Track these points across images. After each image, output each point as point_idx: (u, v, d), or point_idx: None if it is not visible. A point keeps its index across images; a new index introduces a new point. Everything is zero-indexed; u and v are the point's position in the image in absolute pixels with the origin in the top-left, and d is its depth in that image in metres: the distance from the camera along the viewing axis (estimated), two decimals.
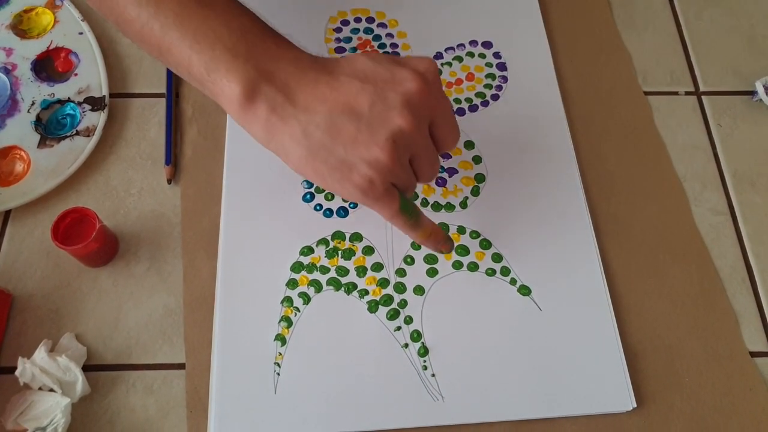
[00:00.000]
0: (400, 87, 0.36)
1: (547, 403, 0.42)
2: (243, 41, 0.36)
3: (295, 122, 0.36)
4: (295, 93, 0.36)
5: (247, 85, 0.35)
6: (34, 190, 0.48)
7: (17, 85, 0.52)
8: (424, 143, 0.38)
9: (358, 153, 0.35)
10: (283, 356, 0.43)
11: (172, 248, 0.47)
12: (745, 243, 0.50)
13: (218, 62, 0.36)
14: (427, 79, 0.37)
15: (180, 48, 0.36)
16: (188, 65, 0.37)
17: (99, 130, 0.50)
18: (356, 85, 0.36)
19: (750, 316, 0.47)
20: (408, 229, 0.40)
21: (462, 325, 0.45)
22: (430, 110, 0.37)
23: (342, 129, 0.36)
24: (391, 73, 0.37)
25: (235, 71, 0.36)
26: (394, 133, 0.36)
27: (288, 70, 0.36)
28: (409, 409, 0.42)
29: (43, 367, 0.41)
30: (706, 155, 0.53)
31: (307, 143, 0.36)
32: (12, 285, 0.46)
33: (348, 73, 0.37)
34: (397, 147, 0.36)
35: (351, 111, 0.36)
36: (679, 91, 0.56)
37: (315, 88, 0.36)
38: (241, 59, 0.36)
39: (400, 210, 0.38)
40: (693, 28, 0.59)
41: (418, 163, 0.38)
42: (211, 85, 0.37)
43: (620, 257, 0.48)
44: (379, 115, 0.36)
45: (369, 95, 0.36)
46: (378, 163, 0.36)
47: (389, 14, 0.57)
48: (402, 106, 0.36)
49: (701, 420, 0.43)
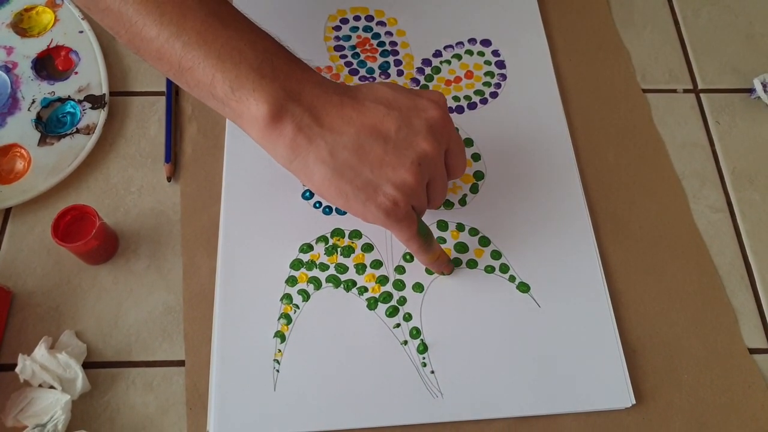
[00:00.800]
0: (424, 114, 0.38)
1: (546, 400, 0.42)
2: (268, 62, 0.37)
3: (322, 142, 0.36)
4: (322, 114, 0.37)
5: (275, 104, 0.36)
6: (34, 187, 0.48)
7: (18, 83, 0.52)
8: (441, 168, 0.40)
9: (384, 175, 0.37)
10: (282, 353, 0.43)
11: (171, 246, 0.47)
12: (743, 240, 0.50)
13: (244, 81, 0.36)
14: (444, 109, 0.39)
15: (203, 66, 0.36)
16: (211, 84, 0.36)
17: (99, 128, 0.50)
18: (382, 110, 0.38)
19: (749, 313, 0.47)
20: (421, 252, 0.42)
21: (461, 322, 0.45)
22: (448, 138, 0.39)
23: (369, 151, 0.37)
24: (412, 101, 0.39)
25: (261, 90, 0.36)
26: (420, 157, 0.37)
27: (314, 92, 0.37)
28: (409, 406, 0.42)
29: (44, 364, 0.41)
30: (705, 153, 0.53)
31: (333, 163, 0.36)
32: (12, 282, 0.46)
33: (372, 99, 0.38)
34: (422, 170, 0.38)
35: (378, 134, 0.37)
36: (677, 89, 0.56)
37: (341, 110, 0.37)
38: (268, 79, 0.36)
39: (418, 233, 0.40)
40: (691, 26, 0.59)
41: (433, 188, 0.40)
42: (235, 104, 0.36)
43: (619, 254, 0.48)
44: (405, 138, 0.37)
45: (395, 120, 0.37)
46: (404, 185, 0.37)
47: (388, 12, 0.57)
48: (427, 132, 0.38)
49: (700, 416, 0.43)
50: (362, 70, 0.54)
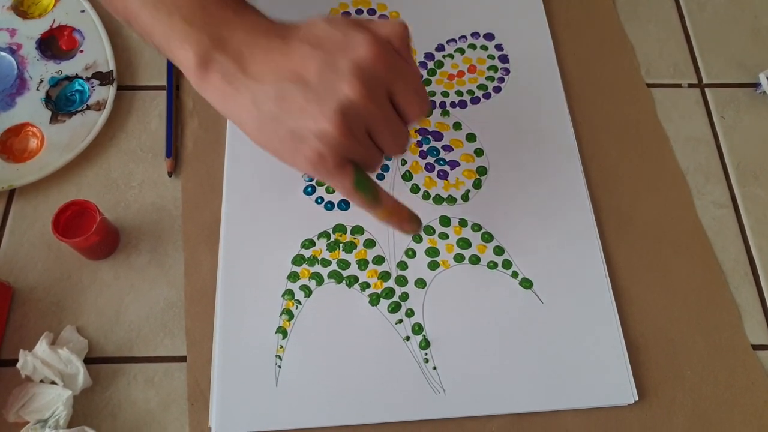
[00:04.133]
0: (351, 52, 0.33)
1: (548, 396, 0.42)
2: (201, 10, 0.36)
3: (247, 92, 0.34)
4: (248, 61, 0.35)
5: (200, 53, 0.35)
6: (49, 164, 0.48)
7: (24, 64, 0.52)
8: (381, 114, 0.34)
9: (306, 125, 0.33)
10: (284, 349, 0.43)
11: (173, 241, 0.47)
12: (747, 236, 0.50)
13: (175, 31, 0.35)
14: (384, 44, 0.34)
15: (143, 17, 0.36)
16: (150, 33, 0.37)
17: (110, 103, 0.51)
18: (306, 50, 0.34)
19: (752, 309, 0.47)
20: (367, 207, 0.38)
21: (463, 318, 0.44)
22: (386, 78, 0.34)
23: (290, 99, 0.33)
24: (346, 36, 0.34)
25: (189, 39, 0.35)
26: (342, 104, 0.33)
27: (241, 38, 0.35)
28: (411, 402, 0.42)
29: (45, 359, 0.41)
30: (710, 148, 0.53)
31: (257, 114, 0.34)
32: (13, 278, 0.46)
33: (300, 38, 0.34)
34: (347, 119, 0.33)
35: (299, 79, 0.33)
36: (682, 84, 0.56)
37: (266, 55, 0.35)
38: (196, 27, 0.35)
39: (356, 186, 0.36)
40: (696, 20, 0.59)
41: (377, 136, 0.35)
42: (170, 54, 0.36)
43: (622, 250, 0.48)
44: (326, 83, 0.33)
45: (317, 61, 0.33)
46: (326, 136, 0.33)
47: (390, 6, 0.57)
48: (351, 75, 0.33)
49: (703, 413, 0.43)
50: None
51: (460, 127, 0.52)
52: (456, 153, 0.50)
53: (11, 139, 0.50)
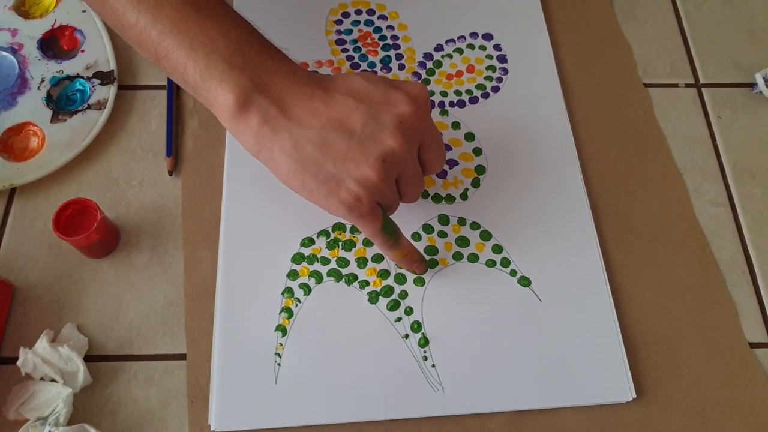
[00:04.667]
0: (393, 109, 0.37)
1: (546, 394, 0.43)
2: (239, 52, 0.37)
3: (287, 135, 0.36)
4: (289, 106, 0.37)
5: (241, 94, 0.36)
6: (50, 163, 0.49)
7: (25, 63, 0.52)
8: (412, 165, 0.39)
9: (347, 170, 0.36)
10: (283, 347, 0.43)
11: (173, 239, 0.47)
12: (744, 234, 0.50)
13: (213, 71, 0.36)
14: (419, 104, 0.38)
15: (176, 55, 0.37)
16: (183, 72, 0.37)
17: (110, 102, 0.51)
18: (351, 103, 0.37)
19: (749, 307, 0.47)
20: (387, 248, 0.41)
21: (462, 315, 0.45)
22: (421, 133, 0.38)
23: (333, 145, 0.36)
24: (386, 94, 0.38)
25: (229, 80, 0.36)
26: (384, 153, 0.37)
27: (283, 84, 0.37)
28: (410, 400, 0.42)
29: (45, 357, 0.41)
30: (706, 147, 0.53)
31: (297, 156, 0.36)
32: (14, 276, 0.46)
33: (343, 91, 0.37)
34: (387, 166, 0.37)
35: (343, 128, 0.37)
36: (679, 83, 0.56)
37: (309, 102, 0.37)
38: (237, 69, 0.36)
39: (382, 229, 0.39)
40: (693, 20, 0.59)
41: (404, 184, 0.39)
42: (205, 93, 0.37)
43: (620, 248, 0.48)
44: (371, 134, 0.37)
45: (362, 114, 0.37)
46: (366, 181, 0.36)
47: (390, 6, 0.57)
48: (394, 128, 0.37)
49: (700, 411, 0.43)
50: (363, 64, 0.54)
51: (458, 127, 0.52)
52: (455, 152, 0.51)
53: (12, 138, 0.50)
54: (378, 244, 0.41)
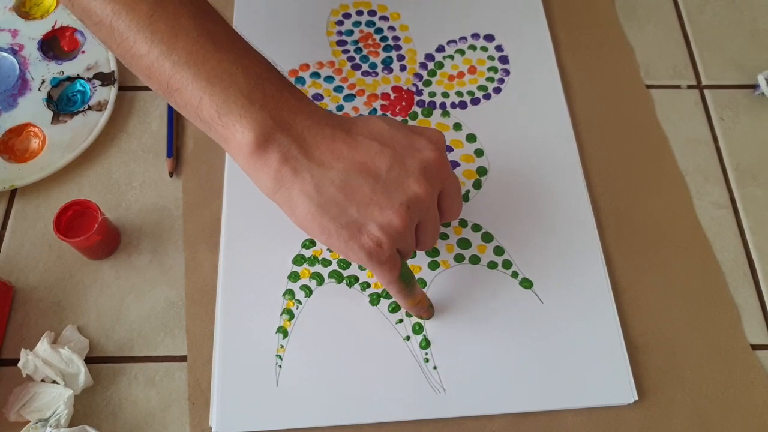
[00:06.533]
0: (419, 154, 0.36)
1: (548, 396, 0.42)
2: (259, 88, 0.35)
3: (309, 176, 0.35)
4: (311, 146, 0.35)
5: (262, 132, 0.34)
6: (51, 164, 0.49)
7: (26, 64, 0.52)
8: (433, 211, 0.38)
9: (371, 214, 0.35)
10: (284, 349, 0.43)
11: (173, 241, 0.47)
12: (746, 236, 0.50)
13: (232, 106, 0.34)
14: (441, 150, 0.38)
15: (191, 88, 0.35)
16: (198, 106, 0.35)
17: (111, 103, 0.51)
18: (375, 147, 0.36)
19: (751, 309, 0.47)
20: (401, 296, 0.40)
21: (464, 317, 0.45)
22: (442, 180, 0.38)
23: (357, 189, 0.35)
24: (409, 140, 0.37)
25: (249, 117, 0.34)
26: (409, 199, 0.36)
27: (305, 123, 0.35)
28: (411, 402, 0.42)
29: (46, 359, 0.41)
30: (709, 149, 0.53)
31: (318, 199, 0.35)
32: (14, 277, 0.46)
33: (366, 135, 0.36)
34: (411, 213, 0.36)
35: (368, 172, 0.35)
36: (681, 85, 0.56)
37: (332, 144, 0.35)
38: (257, 105, 0.34)
39: (400, 278, 0.38)
40: (695, 22, 0.59)
41: (423, 231, 0.38)
42: (221, 129, 0.35)
43: (622, 250, 0.48)
44: (396, 179, 0.36)
45: (388, 158, 0.36)
46: (390, 228, 0.35)
47: (391, 7, 0.57)
48: (420, 173, 0.36)
49: (702, 413, 0.43)
50: (365, 65, 0.54)
51: (460, 128, 0.52)
52: (456, 153, 0.51)
53: (13, 140, 0.50)
54: (393, 293, 0.40)
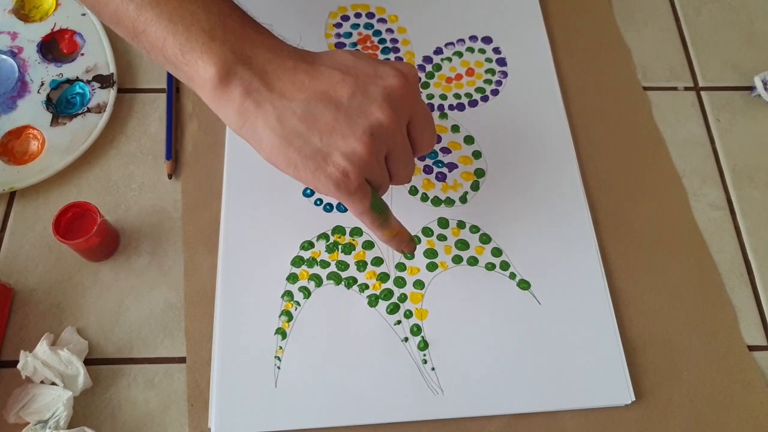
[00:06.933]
0: (381, 81, 0.36)
1: (546, 397, 0.43)
2: (221, 25, 0.35)
3: (271, 108, 0.35)
4: (272, 79, 0.35)
5: (223, 67, 0.35)
6: (50, 166, 0.49)
7: (25, 67, 0.52)
8: (401, 141, 0.37)
9: (334, 143, 0.35)
10: (283, 350, 0.43)
11: (172, 243, 0.47)
12: (743, 238, 0.50)
13: (194, 43, 0.35)
14: (408, 79, 0.37)
15: (155, 29, 0.35)
16: (162, 46, 0.36)
17: (110, 106, 0.51)
18: (337, 75, 0.36)
19: (748, 310, 0.47)
20: (375, 227, 0.39)
21: (462, 319, 0.45)
22: (410, 109, 0.37)
23: (319, 118, 0.35)
24: (374, 68, 0.37)
25: (210, 53, 0.35)
26: (372, 126, 0.35)
27: (266, 56, 0.36)
28: (409, 403, 0.42)
29: (45, 360, 0.42)
30: (705, 150, 0.53)
31: (281, 130, 0.35)
32: (14, 279, 0.46)
33: (329, 64, 0.36)
34: (375, 140, 0.35)
35: (330, 100, 0.35)
36: (678, 87, 0.56)
37: (293, 75, 0.36)
38: (218, 41, 0.35)
39: (371, 207, 0.37)
40: (692, 24, 0.59)
41: (393, 162, 0.38)
42: (185, 67, 0.36)
43: (619, 252, 0.48)
44: (359, 106, 0.35)
45: (350, 86, 0.36)
46: (354, 155, 0.35)
47: (389, 10, 0.57)
48: (383, 100, 0.36)
49: (699, 414, 0.43)
50: None
51: (458, 130, 0.52)
52: (454, 155, 0.51)
53: (12, 142, 0.50)
54: (367, 224, 0.39)
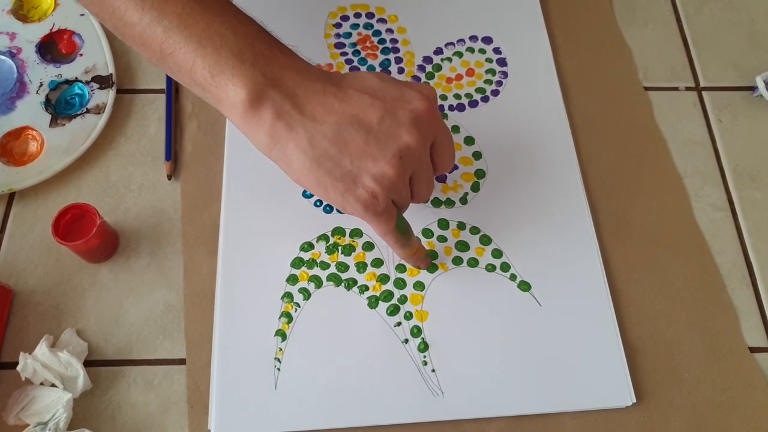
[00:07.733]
0: (409, 105, 0.37)
1: (546, 399, 0.43)
2: (249, 47, 0.36)
3: (302, 130, 0.36)
4: (303, 102, 0.36)
5: (254, 89, 0.35)
6: (49, 168, 0.49)
7: (24, 67, 0.52)
8: (426, 162, 0.38)
9: (364, 166, 0.36)
10: (283, 351, 0.43)
11: (172, 244, 0.47)
12: (745, 238, 0.50)
13: (223, 66, 0.35)
14: (432, 102, 0.38)
15: (183, 51, 0.36)
16: (191, 69, 0.36)
17: (109, 106, 0.51)
18: (366, 99, 0.37)
19: (750, 311, 0.47)
20: (398, 246, 0.41)
21: (462, 320, 0.45)
22: (434, 131, 0.38)
23: (350, 141, 0.36)
24: (400, 91, 0.38)
25: (241, 75, 0.35)
26: (401, 150, 0.36)
27: (295, 79, 0.36)
28: (410, 405, 0.42)
29: (45, 362, 0.41)
30: (707, 151, 0.53)
31: (312, 153, 0.35)
32: (13, 281, 0.46)
33: (356, 88, 0.37)
34: (403, 163, 0.36)
35: (360, 124, 0.36)
36: (679, 87, 0.56)
37: (323, 98, 0.36)
38: (248, 64, 0.35)
39: (396, 227, 0.39)
40: (693, 24, 0.59)
41: (417, 182, 0.39)
42: (215, 90, 0.36)
43: (620, 253, 0.48)
44: (388, 130, 0.36)
45: (378, 110, 0.36)
46: (384, 178, 0.36)
47: (389, 10, 0.57)
48: (410, 124, 0.37)
49: (701, 415, 0.43)
50: (363, 67, 0.54)
51: (458, 131, 0.52)
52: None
53: (11, 143, 0.50)
54: (390, 243, 0.41)
